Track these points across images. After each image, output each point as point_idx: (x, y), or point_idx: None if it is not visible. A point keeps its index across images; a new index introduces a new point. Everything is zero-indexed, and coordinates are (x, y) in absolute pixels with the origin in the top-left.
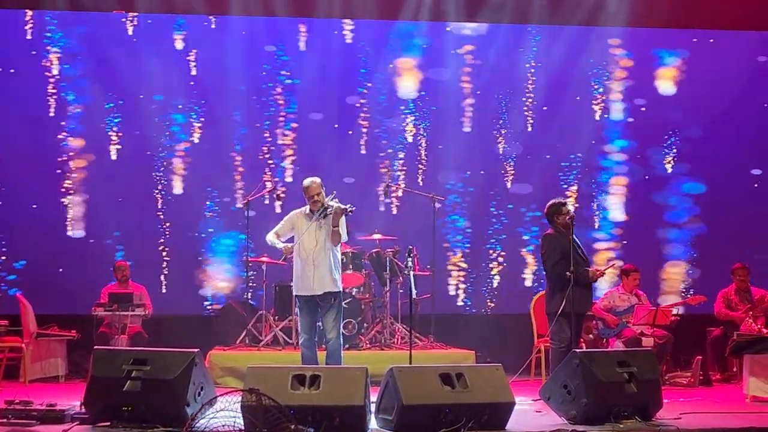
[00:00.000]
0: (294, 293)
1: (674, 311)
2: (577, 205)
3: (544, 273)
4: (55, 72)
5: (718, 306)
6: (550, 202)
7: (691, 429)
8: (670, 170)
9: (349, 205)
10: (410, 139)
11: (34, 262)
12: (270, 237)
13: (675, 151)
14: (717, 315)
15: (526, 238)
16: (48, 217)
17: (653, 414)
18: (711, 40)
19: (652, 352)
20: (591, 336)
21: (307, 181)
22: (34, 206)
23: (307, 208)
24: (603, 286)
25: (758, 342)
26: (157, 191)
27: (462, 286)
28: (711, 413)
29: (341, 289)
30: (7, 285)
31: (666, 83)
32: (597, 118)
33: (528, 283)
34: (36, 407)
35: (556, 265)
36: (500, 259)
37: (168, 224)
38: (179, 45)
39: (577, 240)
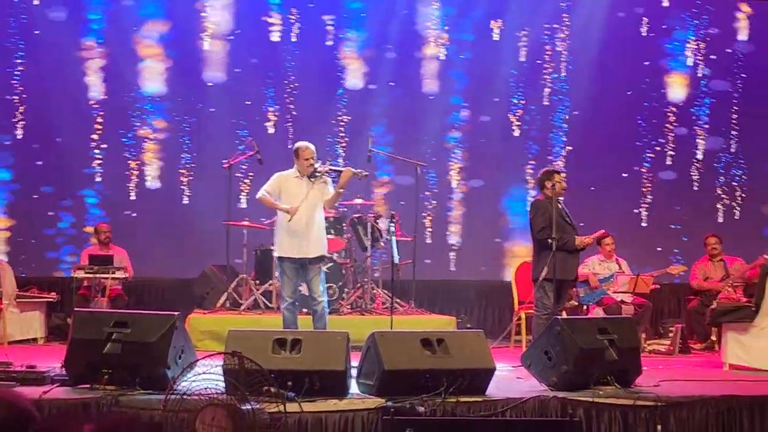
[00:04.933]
0: (278, 255)
1: (654, 279)
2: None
3: (531, 238)
4: None
5: (694, 278)
6: (543, 169)
7: (670, 396)
8: None
9: (361, 170)
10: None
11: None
12: (265, 196)
13: None
14: (693, 287)
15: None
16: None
17: (632, 381)
18: None
19: (632, 319)
20: (572, 303)
21: (302, 144)
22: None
23: (294, 171)
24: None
25: (737, 310)
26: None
27: (449, 252)
28: (689, 381)
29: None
30: None
31: None
32: None
33: (509, 249)
34: (16, 369)
35: (541, 231)
36: (483, 226)
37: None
38: None
39: (565, 208)
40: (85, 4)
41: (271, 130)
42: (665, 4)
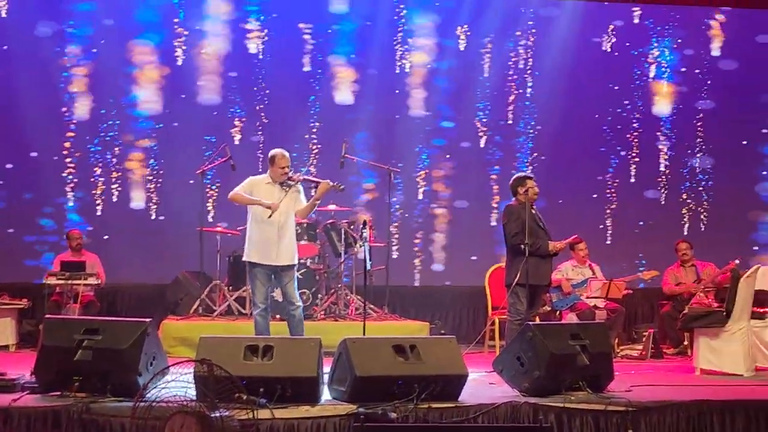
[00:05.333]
0: (249, 260)
1: (626, 285)
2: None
3: (504, 244)
4: None
5: (665, 284)
6: (515, 176)
7: (642, 401)
8: None
9: (339, 183)
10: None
11: None
12: (238, 194)
13: None
14: (665, 292)
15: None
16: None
17: (604, 386)
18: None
19: (604, 324)
20: (545, 308)
21: (278, 152)
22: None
23: (267, 177)
24: None
25: (708, 315)
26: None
27: (418, 258)
28: (661, 386)
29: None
30: None
31: None
32: None
33: (484, 255)
34: None
35: (514, 237)
36: (456, 231)
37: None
38: None
39: (538, 213)
40: (59, 18)
41: (240, 137)
42: (636, 20)
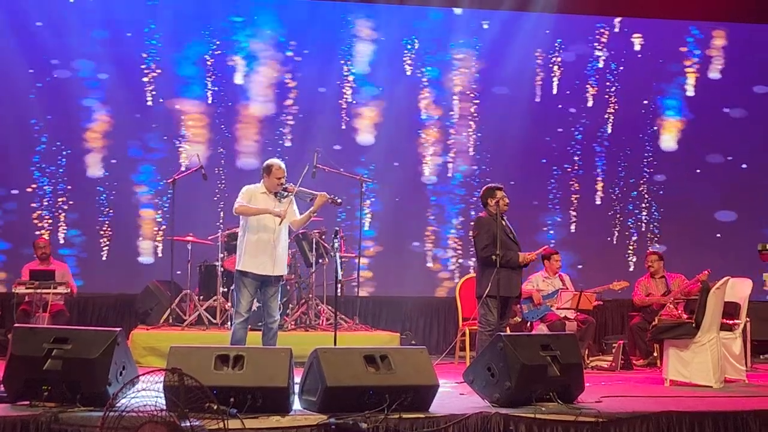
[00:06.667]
0: (242, 269)
1: (597, 296)
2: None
3: (475, 255)
4: None
5: (636, 295)
6: (485, 186)
7: (611, 412)
8: None
9: (335, 196)
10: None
11: None
12: (247, 206)
13: None
14: (635, 303)
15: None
16: None
17: (575, 397)
18: None
19: (575, 335)
20: (516, 319)
21: (275, 162)
22: None
23: (261, 186)
24: None
25: (677, 327)
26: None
27: (390, 268)
28: (631, 397)
29: None
30: None
31: None
32: None
33: (454, 266)
34: None
35: (485, 248)
36: (427, 242)
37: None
38: None
39: (509, 224)
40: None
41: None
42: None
